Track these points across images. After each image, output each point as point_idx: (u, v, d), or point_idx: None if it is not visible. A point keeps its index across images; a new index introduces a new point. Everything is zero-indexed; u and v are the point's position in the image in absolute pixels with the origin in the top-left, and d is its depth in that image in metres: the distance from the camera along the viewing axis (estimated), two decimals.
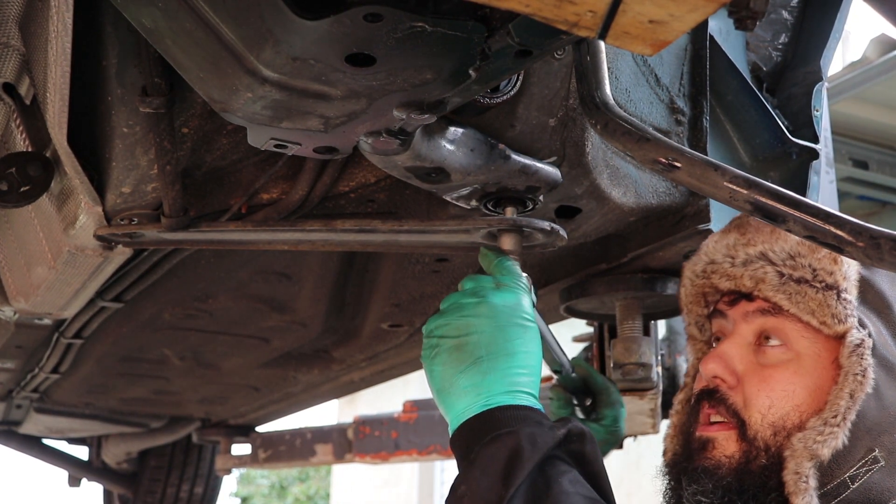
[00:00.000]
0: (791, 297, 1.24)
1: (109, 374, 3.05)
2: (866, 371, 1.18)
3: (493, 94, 1.23)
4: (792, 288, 1.24)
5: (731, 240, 1.32)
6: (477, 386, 1.17)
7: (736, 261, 1.30)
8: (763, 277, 1.26)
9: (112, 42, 1.25)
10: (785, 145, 1.72)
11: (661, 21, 0.79)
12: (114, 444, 4.45)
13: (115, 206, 1.44)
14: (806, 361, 1.23)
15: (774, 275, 1.25)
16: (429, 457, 3.49)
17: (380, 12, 0.93)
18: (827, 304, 1.22)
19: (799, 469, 1.17)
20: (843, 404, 1.18)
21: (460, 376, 1.18)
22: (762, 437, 1.22)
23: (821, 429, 1.18)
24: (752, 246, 1.28)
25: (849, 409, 1.17)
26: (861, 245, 0.97)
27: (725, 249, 1.32)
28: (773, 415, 1.22)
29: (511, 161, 1.33)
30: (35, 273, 1.80)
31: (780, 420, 1.22)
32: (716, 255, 1.33)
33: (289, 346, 2.73)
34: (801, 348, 1.24)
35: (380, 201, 1.58)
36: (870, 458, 1.18)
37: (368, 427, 3.65)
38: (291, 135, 1.18)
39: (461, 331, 1.20)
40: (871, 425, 1.18)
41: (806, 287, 1.24)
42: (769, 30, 1.85)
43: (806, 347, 1.24)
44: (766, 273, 1.26)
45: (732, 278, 1.30)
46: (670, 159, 1.11)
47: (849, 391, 1.18)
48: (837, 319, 1.21)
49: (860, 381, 1.18)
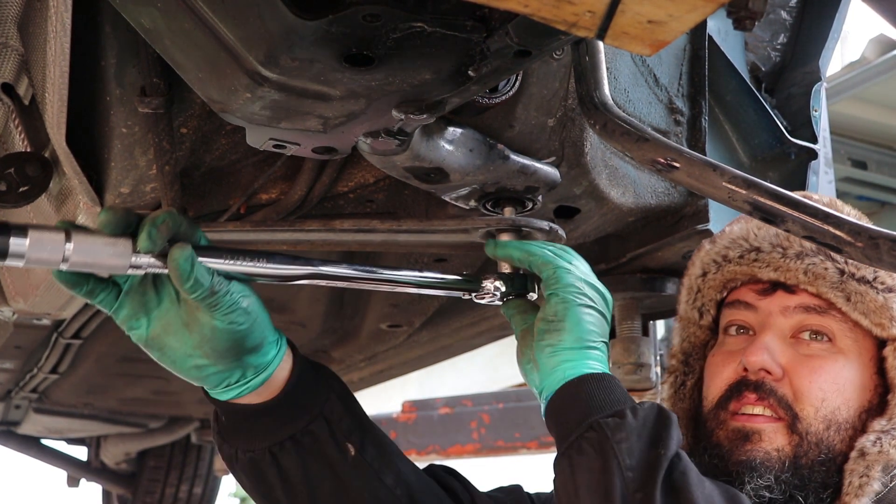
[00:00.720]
0: (850, 297, 1.23)
1: (108, 375, 3.04)
2: None
3: (492, 95, 1.23)
4: (852, 287, 1.23)
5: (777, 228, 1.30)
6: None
7: (788, 252, 1.27)
8: (823, 273, 1.24)
9: (111, 42, 1.25)
10: (784, 145, 1.72)
11: (660, 21, 0.79)
12: (113, 444, 4.44)
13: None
14: (851, 357, 1.24)
15: (835, 272, 1.23)
16: (427, 457, 3.49)
17: (378, 12, 0.93)
18: (888, 306, 1.22)
19: (869, 472, 1.18)
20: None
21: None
22: (815, 432, 1.22)
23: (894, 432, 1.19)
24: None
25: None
26: (860, 245, 0.97)
27: (775, 239, 1.29)
28: (826, 408, 1.22)
29: (510, 161, 1.33)
30: (34, 273, 1.80)
31: (831, 414, 1.22)
32: (762, 244, 1.30)
33: None
34: (844, 345, 1.24)
35: (379, 201, 1.58)
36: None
37: None
38: (290, 135, 1.18)
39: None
40: None
41: (867, 287, 1.23)
42: (768, 30, 1.86)
43: (849, 345, 1.24)
44: (825, 269, 1.24)
45: (781, 269, 1.27)
46: (669, 159, 1.11)
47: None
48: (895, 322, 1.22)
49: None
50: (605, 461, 1.06)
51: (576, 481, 1.07)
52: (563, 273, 1.19)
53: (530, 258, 1.22)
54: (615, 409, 1.09)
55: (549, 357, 1.16)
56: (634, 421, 1.08)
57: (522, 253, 1.24)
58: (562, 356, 1.15)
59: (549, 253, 1.22)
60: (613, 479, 1.04)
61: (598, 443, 1.07)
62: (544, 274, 1.21)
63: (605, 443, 1.06)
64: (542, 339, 1.17)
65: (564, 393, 1.13)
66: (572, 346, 1.15)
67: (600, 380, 1.13)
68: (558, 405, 1.14)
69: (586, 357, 1.15)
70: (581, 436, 1.08)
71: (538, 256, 1.22)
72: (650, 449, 1.06)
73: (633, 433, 1.07)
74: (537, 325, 1.18)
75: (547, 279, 1.20)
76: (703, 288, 1.38)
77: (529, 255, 1.23)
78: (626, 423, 1.07)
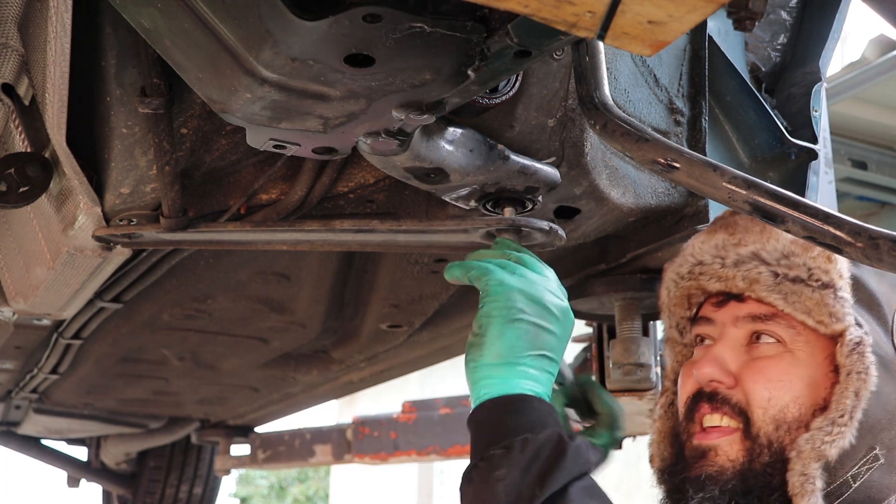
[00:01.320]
0: (787, 298, 1.23)
1: (108, 375, 3.05)
2: (868, 369, 1.18)
3: (492, 95, 1.23)
4: (787, 288, 1.23)
5: (720, 240, 1.29)
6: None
7: (726, 261, 1.27)
8: (757, 278, 1.24)
9: (111, 43, 1.25)
10: (784, 146, 1.72)
11: (660, 22, 0.79)
12: (113, 444, 4.44)
13: (114, 206, 1.44)
14: (800, 356, 1.23)
15: (769, 275, 1.24)
16: (427, 457, 3.49)
17: (379, 13, 0.93)
18: (824, 303, 1.21)
19: (806, 470, 1.16)
20: (849, 403, 1.17)
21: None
22: (765, 433, 1.21)
23: (829, 429, 1.17)
24: (744, 246, 1.26)
25: (855, 408, 1.17)
26: (860, 245, 0.97)
27: (714, 250, 1.29)
28: (773, 408, 1.21)
29: (510, 161, 1.33)
30: (34, 274, 1.80)
31: (780, 413, 1.21)
32: (704, 256, 1.30)
33: (288, 346, 2.73)
34: (794, 347, 1.23)
35: (379, 202, 1.58)
36: (871, 455, 1.18)
37: (367, 428, 3.65)
38: (290, 135, 1.18)
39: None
40: (872, 423, 1.18)
41: (802, 286, 1.22)
42: (768, 30, 1.86)
43: (800, 347, 1.23)
44: (759, 273, 1.24)
45: (723, 279, 1.27)
46: (669, 160, 1.11)
47: (854, 390, 1.17)
48: (835, 318, 1.21)
49: (864, 380, 1.17)
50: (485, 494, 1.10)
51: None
52: (493, 286, 1.19)
53: (468, 273, 1.23)
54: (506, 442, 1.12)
55: (469, 374, 1.19)
56: (521, 455, 1.10)
57: (462, 270, 1.25)
58: (479, 373, 1.17)
59: (488, 265, 1.22)
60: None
61: (482, 475, 1.11)
62: (480, 287, 1.21)
63: (487, 476, 1.10)
64: (467, 354, 1.19)
65: (475, 416, 1.17)
66: (491, 362, 1.17)
67: (513, 404, 1.15)
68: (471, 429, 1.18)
69: (506, 374, 1.16)
70: (474, 465, 1.13)
71: (476, 270, 1.22)
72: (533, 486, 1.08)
73: (515, 468, 1.10)
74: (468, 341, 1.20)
75: (481, 292, 1.21)
76: (671, 307, 1.39)
77: (467, 271, 1.24)
78: (510, 456, 1.10)
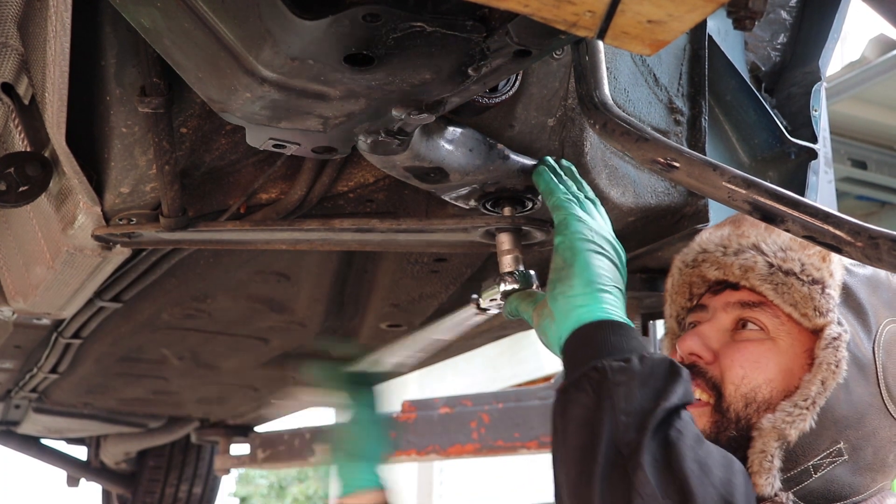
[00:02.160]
0: (777, 288, 1.26)
1: (108, 374, 3.05)
2: (840, 362, 1.21)
3: (492, 94, 1.23)
4: (779, 279, 1.26)
5: (726, 232, 1.33)
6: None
7: (728, 250, 1.31)
8: (752, 266, 1.27)
9: (111, 42, 1.25)
10: (784, 145, 1.72)
11: (660, 21, 0.79)
12: (112, 444, 4.44)
13: (114, 206, 1.44)
14: (781, 345, 1.26)
15: (764, 265, 1.27)
16: (427, 457, 3.49)
17: (378, 12, 0.93)
18: (811, 297, 1.24)
19: (765, 448, 1.19)
20: (814, 390, 1.20)
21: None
22: (734, 409, 1.24)
23: (790, 410, 1.20)
24: (746, 237, 1.30)
25: (819, 395, 1.20)
26: (860, 245, 0.97)
27: (719, 240, 1.33)
28: (745, 386, 1.24)
29: (510, 161, 1.33)
30: (33, 273, 1.80)
31: (751, 392, 1.23)
32: (708, 246, 1.34)
33: (288, 346, 2.73)
34: (777, 336, 1.26)
35: (378, 201, 1.58)
36: (834, 450, 1.20)
37: None
38: (290, 135, 1.18)
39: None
40: (838, 417, 1.20)
41: (793, 279, 1.26)
42: (768, 30, 1.86)
43: (783, 337, 1.26)
44: (755, 262, 1.27)
45: (722, 267, 1.31)
46: (669, 159, 1.11)
47: (821, 378, 1.20)
48: (819, 312, 1.24)
49: (833, 371, 1.20)
50: (600, 400, 1.04)
51: (566, 415, 1.07)
52: (572, 220, 1.21)
53: (549, 196, 1.26)
54: (624, 356, 1.08)
55: (563, 304, 1.16)
56: (640, 367, 1.07)
57: (546, 187, 1.28)
58: (575, 301, 1.15)
59: (566, 199, 1.25)
60: (603, 417, 1.03)
61: (598, 382, 1.06)
62: (556, 219, 1.23)
63: (603, 383, 1.05)
64: (554, 288, 1.18)
65: (578, 337, 1.13)
66: (584, 290, 1.15)
67: (617, 327, 1.13)
68: (571, 348, 1.13)
69: (599, 301, 1.15)
70: (583, 374, 1.07)
71: (555, 198, 1.25)
72: (651, 399, 1.05)
73: (635, 379, 1.05)
74: (550, 277, 1.19)
75: (557, 225, 1.22)
76: (673, 294, 1.42)
77: (550, 194, 1.26)
78: (630, 367, 1.06)
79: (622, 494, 0.99)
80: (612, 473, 1.01)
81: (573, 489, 1.04)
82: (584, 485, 1.02)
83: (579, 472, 1.03)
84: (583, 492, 1.02)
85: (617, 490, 1.00)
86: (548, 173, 1.30)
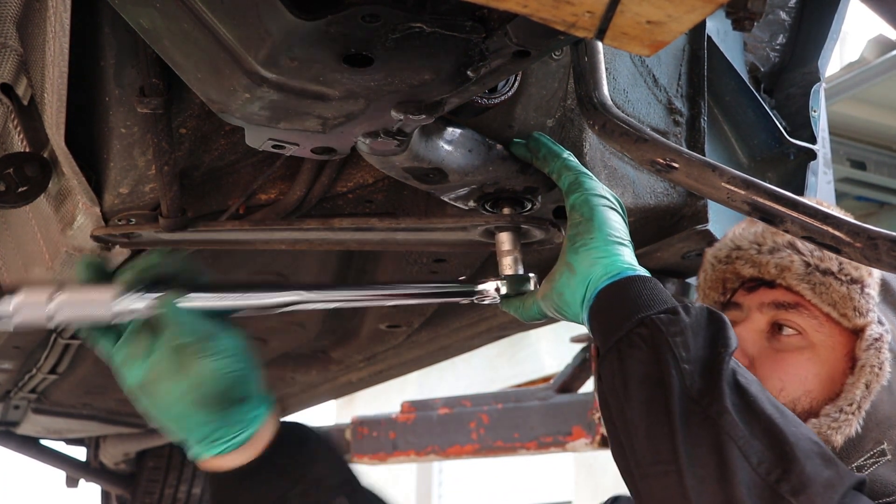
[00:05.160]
0: (815, 288, 1.25)
1: (107, 375, 3.02)
2: (883, 364, 1.20)
3: (491, 95, 1.23)
4: (817, 278, 1.25)
5: (760, 228, 1.32)
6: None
7: (763, 248, 1.30)
8: (789, 266, 1.26)
9: (110, 42, 1.25)
10: (783, 146, 1.72)
11: (659, 22, 0.79)
12: (112, 444, 4.44)
13: (113, 206, 1.44)
14: (821, 351, 1.25)
15: (801, 264, 1.26)
16: (427, 457, 3.49)
17: (377, 13, 0.93)
18: (850, 297, 1.24)
19: None
20: (858, 393, 1.19)
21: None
22: None
23: (836, 416, 1.19)
24: (781, 235, 1.29)
25: (864, 399, 1.19)
26: (859, 245, 0.97)
27: (753, 237, 1.32)
28: (783, 398, 1.22)
29: (509, 161, 1.33)
30: (32, 273, 1.80)
31: (790, 404, 1.22)
32: (742, 242, 1.33)
33: (287, 346, 2.73)
34: (816, 340, 1.25)
35: (378, 202, 1.58)
36: (878, 450, 1.20)
37: (366, 428, 3.65)
38: (289, 135, 1.18)
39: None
40: (882, 418, 1.20)
41: (831, 279, 1.25)
42: (767, 30, 1.86)
43: (821, 340, 1.25)
44: (792, 262, 1.26)
45: (757, 265, 1.30)
46: (668, 160, 1.11)
47: (865, 381, 1.20)
48: (859, 313, 1.23)
49: (877, 374, 1.20)
50: (659, 353, 1.02)
51: (625, 373, 1.04)
52: (584, 178, 1.22)
53: (554, 159, 1.25)
54: (667, 307, 1.06)
55: (584, 256, 1.14)
56: (688, 318, 1.05)
57: (548, 151, 1.27)
58: (597, 252, 1.14)
59: (573, 160, 1.25)
60: (670, 369, 1.00)
61: (651, 337, 1.03)
62: (567, 179, 1.23)
63: (658, 336, 1.03)
64: (574, 242, 1.17)
65: (609, 292, 1.11)
66: (604, 243, 1.14)
67: (646, 280, 1.11)
68: (605, 303, 1.11)
69: (619, 253, 1.14)
70: (632, 331, 1.05)
71: (562, 161, 1.25)
72: (707, 347, 1.03)
73: (687, 329, 1.04)
74: (567, 233, 1.19)
75: (571, 184, 1.22)
76: (706, 289, 1.41)
77: (555, 157, 1.26)
78: (679, 319, 1.04)
79: (710, 440, 0.97)
80: (691, 421, 0.99)
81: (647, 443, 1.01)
82: (661, 436, 1.00)
83: (651, 425, 1.01)
84: (660, 444, 1.00)
85: (703, 436, 0.98)
86: (547, 137, 1.30)
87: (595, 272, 1.13)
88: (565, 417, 3.01)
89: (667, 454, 0.99)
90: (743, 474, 0.95)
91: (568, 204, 1.21)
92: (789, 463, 0.95)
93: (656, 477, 1.00)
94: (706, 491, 0.96)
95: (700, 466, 0.97)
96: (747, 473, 0.95)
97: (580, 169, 1.24)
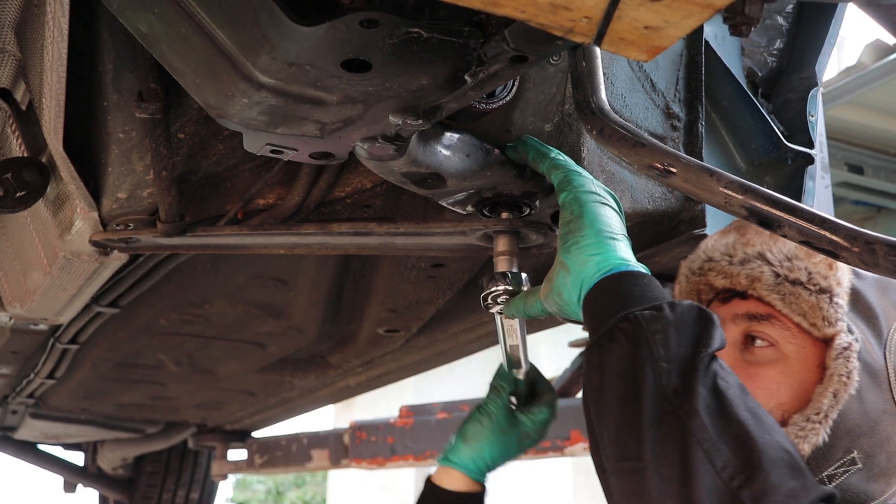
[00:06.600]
0: (784, 298, 1.25)
1: (105, 380, 3.04)
2: (851, 373, 1.20)
3: (489, 100, 1.23)
4: (786, 289, 1.25)
5: (731, 239, 1.32)
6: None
7: (734, 259, 1.30)
8: (759, 276, 1.27)
9: (108, 47, 1.25)
10: (780, 150, 1.72)
11: (657, 27, 0.79)
12: (109, 449, 4.43)
13: (111, 211, 1.44)
14: (793, 363, 1.24)
15: (770, 275, 1.26)
16: (425, 462, 3.49)
17: (376, 18, 0.93)
18: (819, 306, 1.24)
19: None
20: (826, 402, 1.19)
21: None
22: None
23: (802, 424, 1.18)
24: (751, 246, 1.29)
25: (831, 408, 1.18)
26: (856, 250, 0.97)
27: (724, 248, 1.32)
28: None
29: (507, 166, 1.33)
30: (31, 278, 1.80)
31: None
32: (714, 254, 1.33)
33: (285, 351, 2.73)
34: (788, 351, 1.25)
35: (376, 206, 1.58)
36: (848, 459, 1.19)
37: (364, 432, 3.64)
38: (287, 140, 1.18)
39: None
40: (851, 427, 1.19)
41: (800, 289, 1.25)
42: (764, 35, 1.86)
43: (793, 351, 1.25)
44: (762, 272, 1.27)
45: (728, 276, 1.30)
46: (666, 165, 1.12)
47: (833, 391, 1.19)
48: (828, 322, 1.23)
49: (844, 383, 1.19)
50: (637, 349, 1.02)
51: (603, 368, 1.04)
52: (574, 175, 1.23)
53: (543, 159, 1.27)
54: (653, 303, 1.06)
55: (576, 254, 1.15)
56: (672, 315, 1.04)
57: (536, 152, 1.29)
58: (589, 250, 1.14)
59: (562, 158, 1.26)
60: (644, 367, 1.00)
61: (632, 332, 1.03)
62: (556, 178, 1.24)
63: (638, 332, 1.02)
64: (566, 241, 1.17)
65: (600, 289, 1.11)
66: (596, 239, 1.15)
67: (638, 276, 1.11)
68: (594, 300, 1.11)
69: (612, 248, 1.14)
70: (615, 326, 1.05)
71: (550, 160, 1.26)
72: (689, 346, 1.02)
73: (669, 326, 1.03)
74: (559, 231, 1.19)
75: (559, 183, 1.23)
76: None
77: (543, 157, 1.28)
78: (662, 315, 1.04)
79: (677, 441, 0.97)
80: (662, 420, 0.98)
81: (617, 439, 1.01)
82: (630, 434, 0.99)
83: (622, 422, 1.01)
84: (629, 441, 0.99)
85: (670, 436, 0.97)
86: (534, 139, 1.31)
87: (587, 270, 1.14)
88: (563, 422, 3.01)
89: (634, 452, 0.99)
90: (705, 477, 0.95)
91: (559, 203, 1.22)
92: (754, 470, 0.95)
93: (623, 474, 1.00)
94: (668, 492, 0.96)
95: (665, 466, 0.97)
96: (710, 477, 0.95)
97: (569, 167, 1.24)
